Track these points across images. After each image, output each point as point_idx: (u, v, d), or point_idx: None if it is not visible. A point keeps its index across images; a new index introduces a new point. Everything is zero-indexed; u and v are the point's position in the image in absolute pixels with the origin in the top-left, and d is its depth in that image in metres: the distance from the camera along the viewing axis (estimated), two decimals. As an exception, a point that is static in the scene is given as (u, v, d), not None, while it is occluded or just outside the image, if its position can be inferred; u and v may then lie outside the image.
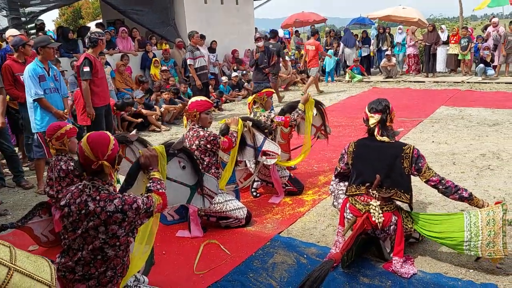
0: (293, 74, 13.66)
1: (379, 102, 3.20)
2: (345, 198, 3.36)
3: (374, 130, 3.17)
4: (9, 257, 0.81)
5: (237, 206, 3.90)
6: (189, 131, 3.94)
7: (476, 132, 6.77)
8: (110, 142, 2.29)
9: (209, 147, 3.84)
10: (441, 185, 3.08)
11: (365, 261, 3.22)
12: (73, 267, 2.20)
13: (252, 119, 4.37)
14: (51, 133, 3.50)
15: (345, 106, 9.90)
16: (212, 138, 3.83)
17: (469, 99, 9.72)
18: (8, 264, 0.80)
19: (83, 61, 5.63)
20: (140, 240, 2.55)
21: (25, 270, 0.82)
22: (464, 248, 3.00)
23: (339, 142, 6.27)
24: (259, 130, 4.33)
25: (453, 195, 3.07)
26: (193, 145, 3.85)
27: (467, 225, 2.98)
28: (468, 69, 13.63)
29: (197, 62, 9.03)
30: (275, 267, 3.21)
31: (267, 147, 4.31)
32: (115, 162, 2.33)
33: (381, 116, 3.15)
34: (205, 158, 3.89)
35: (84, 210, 2.16)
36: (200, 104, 3.90)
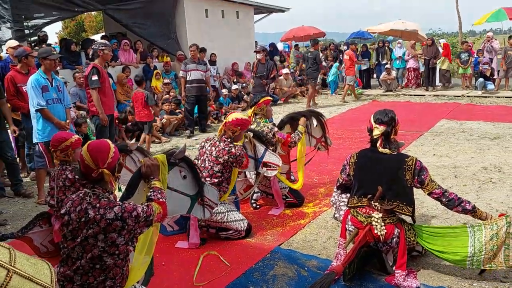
0: (293, 87, 13.73)
1: (385, 113, 3.17)
2: (347, 210, 3.33)
3: (376, 142, 3.15)
4: (9, 259, 0.80)
5: (238, 217, 3.88)
6: (220, 142, 3.92)
7: (477, 146, 6.77)
8: (110, 150, 2.29)
9: (234, 164, 3.89)
10: (444, 197, 3.05)
11: (367, 274, 3.18)
12: (72, 276, 2.18)
13: (253, 130, 4.37)
14: (56, 144, 3.48)
15: (345, 119, 9.92)
16: (241, 158, 3.87)
17: (469, 113, 9.74)
18: (7, 266, 0.78)
19: (91, 70, 5.82)
20: (140, 250, 2.53)
21: (25, 272, 0.80)
22: (467, 263, 2.97)
23: (340, 155, 6.27)
24: (260, 141, 4.32)
25: (456, 207, 3.05)
26: (221, 158, 3.83)
27: (471, 240, 2.95)
28: (468, 83, 13.70)
29: (189, 75, 8.98)
30: (276, 280, 3.18)
31: (268, 158, 4.29)
32: (115, 170, 2.32)
33: (386, 129, 3.12)
34: (225, 173, 3.90)
35: (84, 218, 2.15)
36: (245, 123, 3.97)
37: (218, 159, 3.83)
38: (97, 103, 5.86)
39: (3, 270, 0.77)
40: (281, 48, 17.28)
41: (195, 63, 9.07)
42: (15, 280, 0.78)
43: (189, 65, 9.05)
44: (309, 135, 5.09)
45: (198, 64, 9.07)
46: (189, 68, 9.01)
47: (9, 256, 0.81)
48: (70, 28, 32.97)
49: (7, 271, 0.78)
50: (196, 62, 9.08)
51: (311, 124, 5.05)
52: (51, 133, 4.95)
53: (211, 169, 3.85)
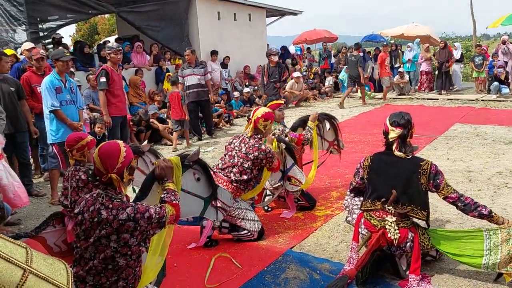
0: (304, 90, 13.69)
1: (401, 115, 3.12)
2: (360, 213, 3.30)
3: (392, 145, 3.11)
4: (25, 259, 0.79)
5: (254, 218, 3.89)
6: (250, 138, 3.92)
7: (492, 150, 6.66)
8: (120, 155, 2.27)
9: (264, 162, 3.85)
10: (460, 202, 3.00)
11: (380, 278, 3.15)
12: (84, 277, 2.19)
13: (286, 142, 4.30)
14: (72, 144, 3.50)
15: (358, 122, 9.85)
16: (271, 156, 3.85)
17: (484, 117, 9.61)
18: (24, 266, 0.78)
19: (100, 72, 6.01)
20: (154, 252, 2.53)
21: (41, 272, 0.79)
22: (482, 266, 2.92)
23: (352, 158, 6.22)
24: (290, 154, 4.28)
25: (472, 212, 2.99)
26: (251, 154, 3.82)
27: (486, 244, 2.91)
28: (482, 87, 13.52)
29: (186, 80, 8.71)
30: (288, 282, 3.15)
31: (293, 173, 4.24)
32: (124, 175, 2.29)
33: (403, 131, 3.07)
34: (254, 171, 3.87)
35: (97, 218, 2.15)
36: (272, 115, 4.01)
37: (248, 155, 3.82)
38: (103, 105, 6.04)
39: (19, 270, 0.77)
40: (293, 51, 17.25)
41: (191, 67, 8.73)
42: (31, 281, 0.77)
43: (184, 71, 8.77)
44: (321, 138, 5.06)
45: (194, 68, 8.71)
46: (184, 73, 8.74)
47: (25, 256, 0.80)
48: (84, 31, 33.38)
49: (24, 271, 0.77)
50: (192, 66, 8.73)
51: (323, 127, 5.02)
52: (64, 134, 5.01)
53: (241, 165, 3.83)
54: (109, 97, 6.01)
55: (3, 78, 5.36)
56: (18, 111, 5.41)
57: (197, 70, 8.71)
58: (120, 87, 6.22)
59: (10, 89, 5.35)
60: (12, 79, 5.56)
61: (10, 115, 5.17)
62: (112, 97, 6.05)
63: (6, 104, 5.20)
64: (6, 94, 5.29)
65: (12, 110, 5.30)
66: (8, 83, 5.39)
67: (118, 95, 6.15)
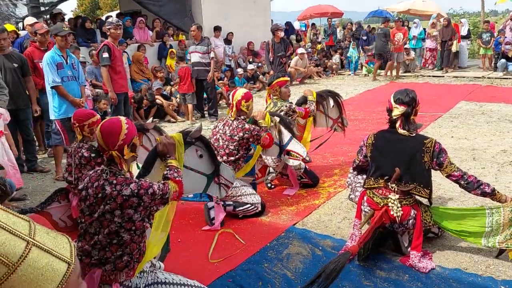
0: (309, 67, 13.55)
1: (406, 93, 3.08)
2: (363, 191, 3.30)
3: (396, 122, 3.09)
4: (28, 231, 0.80)
5: (251, 192, 3.94)
6: (233, 120, 3.92)
7: (497, 128, 6.62)
8: (122, 132, 2.24)
9: (251, 140, 3.85)
10: (463, 180, 2.99)
11: (382, 254, 3.18)
12: (90, 251, 2.22)
13: (280, 115, 4.29)
14: (83, 119, 3.49)
15: (362, 100, 9.78)
16: (256, 133, 3.83)
17: (489, 95, 9.51)
18: (27, 238, 0.78)
19: (102, 48, 5.93)
20: (156, 227, 2.55)
21: (44, 245, 0.80)
22: (482, 242, 2.95)
23: (356, 136, 6.19)
24: (286, 128, 4.24)
25: (475, 190, 2.99)
26: (236, 136, 3.82)
27: (488, 221, 2.92)
28: (488, 64, 13.34)
29: (191, 57, 8.55)
30: (290, 258, 3.19)
31: (292, 147, 4.21)
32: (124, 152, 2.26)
33: (406, 109, 3.03)
34: (241, 151, 3.87)
35: (101, 194, 2.16)
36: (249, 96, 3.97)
37: (233, 137, 3.83)
38: (107, 81, 5.96)
39: (22, 242, 0.77)
40: (297, 27, 17.00)
41: (194, 44, 8.50)
42: (34, 253, 0.77)
43: (190, 47, 8.67)
44: (325, 116, 5.04)
45: (197, 45, 8.42)
46: (190, 50, 8.64)
47: (29, 228, 0.80)
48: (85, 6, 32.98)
49: (27, 243, 0.77)
50: (196, 43, 8.46)
51: (327, 104, 4.99)
52: (67, 110, 5.01)
53: (227, 148, 3.85)
54: (111, 73, 5.94)
55: (7, 54, 5.32)
56: (21, 88, 5.38)
57: (199, 47, 8.45)
58: (121, 63, 6.15)
59: (13, 65, 5.31)
60: (17, 55, 5.48)
61: (12, 91, 5.12)
62: (114, 73, 5.98)
63: (8, 80, 5.17)
64: (8, 70, 5.26)
65: (15, 86, 5.27)
66: (12, 59, 5.34)
67: (120, 71, 6.08)
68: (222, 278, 2.97)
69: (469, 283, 2.77)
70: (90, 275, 2.20)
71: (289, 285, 2.85)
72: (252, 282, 2.90)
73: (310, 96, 4.80)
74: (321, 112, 5.00)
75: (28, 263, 0.77)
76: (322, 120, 5.04)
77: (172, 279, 2.38)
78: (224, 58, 12.19)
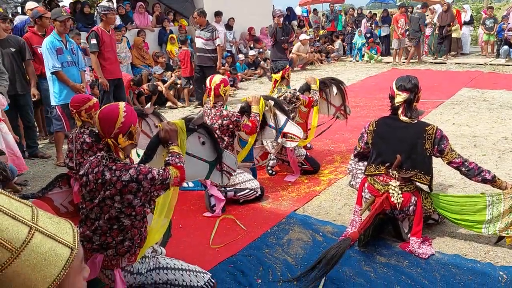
0: (310, 53, 13.46)
1: (408, 79, 3.06)
2: (364, 178, 3.30)
3: (398, 109, 3.07)
4: (31, 217, 0.80)
5: (247, 178, 3.96)
6: (211, 109, 3.92)
7: (498, 115, 6.60)
8: (118, 120, 2.20)
9: (231, 127, 3.84)
10: (463, 167, 2.99)
11: (382, 240, 3.19)
12: (91, 237, 2.23)
13: (274, 99, 4.26)
14: (79, 105, 3.49)
15: (363, 87, 9.74)
16: (235, 119, 3.82)
17: (491, 81, 9.45)
18: (30, 224, 0.78)
19: (90, 34, 5.85)
20: (159, 213, 2.56)
21: (47, 230, 0.80)
22: (483, 229, 2.96)
23: (357, 123, 6.18)
24: (281, 110, 4.22)
25: (476, 177, 2.99)
26: (215, 124, 3.82)
27: (489, 209, 2.93)
28: (491, 50, 13.23)
29: (196, 42, 8.36)
30: (291, 244, 3.21)
31: (289, 129, 4.19)
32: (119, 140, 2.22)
33: (409, 96, 3.01)
34: (225, 137, 3.86)
35: (101, 180, 2.16)
36: (227, 82, 3.99)
37: (213, 125, 3.81)
38: (96, 67, 5.92)
39: (25, 227, 0.77)
40: (299, 13, 16.83)
41: (198, 30, 8.37)
42: (37, 238, 0.78)
43: (196, 31, 8.49)
44: (328, 103, 5.01)
45: (201, 31, 8.25)
46: (196, 34, 8.45)
47: (31, 214, 0.80)
48: (85, -9, 32.58)
49: (29, 228, 0.77)
50: (200, 29, 8.30)
51: (330, 92, 4.96)
52: (67, 95, 4.98)
53: None
54: (100, 59, 5.88)
55: (3, 39, 5.27)
56: (19, 72, 5.34)
57: (203, 33, 8.26)
58: (111, 49, 6.03)
59: (10, 50, 5.25)
60: (15, 39, 5.41)
61: (11, 77, 5.07)
62: (103, 59, 5.90)
63: (6, 65, 5.13)
64: (5, 56, 5.21)
65: (13, 71, 5.23)
66: (9, 44, 5.29)
67: (109, 57, 5.97)
68: (223, 263, 2.99)
69: (468, 268, 2.79)
70: (92, 260, 2.22)
71: (289, 270, 2.87)
72: (253, 267, 2.92)
73: (313, 84, 4.75)
74: (324, 99, 4.98)
75: (31, 248, 0.77)
76: (323, 107, 5.02)
77: (173, 264, 2.40)
78: (225, 44, 12.08)
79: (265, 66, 11.89)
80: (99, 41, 5.82)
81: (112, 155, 2.24)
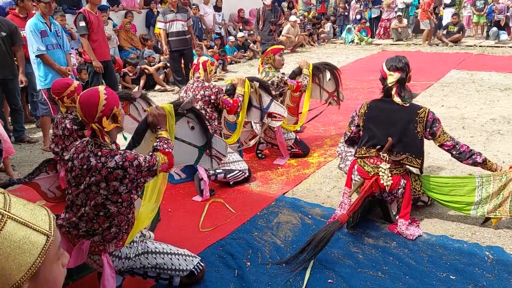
0: (300, 35, 13.35)
1: (398, 59, 3.03)
2: (354, 160, 3.30)
3: (391, 90, 3.03)
4: (3, 204, 0.77)
5: (237, 158, 4.01)
6: (194, 83, 4.01)
7: (487, 97, 6.63)
8: (99, 104, 2.12)
9: (213, 98, 3.90)
10: (455, 150, 2.98)
11: (370, 222, 3.22)
12: (77, 223, 2.20)
13: (259, 80, 4.27)
14: (60, 91, 3.41)
15: (354, 69, 9.71)
16: (216, 91, 3.91)
17: (481, 63, 9.48)
18: (1, 211, 0.76)
19: (77, 17, 5.75)
20: (149, 198, 2.53)
21: (20, 218, 0.77)
22: (471, 210, 2.99)
23: (347, 106, 6.15)
24: (265, 91, 4.25)
25: (467, 160, 2.99)
26: (198, 95, 3.90)
27: (478, 190, 2.94)
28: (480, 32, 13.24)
29: (169, 26, 7.89)
30: (280, 227, 3.22)
31: (273, 109, 4.24)
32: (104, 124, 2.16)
33: (401, 75, 2.99)
34: (208, 109, 3.92)
35: (86, 166, 2.12)
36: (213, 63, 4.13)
37: (196, 96, 3.89)
38: (88, 50, 5.82)
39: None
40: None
41: (173, 12, 7.89)
42: (10, 226, 0.75)
43: (167, 15, 7.89)
44: (320, 88, 4.96)
45: (177, 13, 7.88)
46: (168, 18, 7.87)
47: (3, 201, 0.77)
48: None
49: (1, 216, 0.75)
50: (175, 11, 7.90)
51: (324, 77, 4.90)
52: (53, 79, 4.86)
53: None
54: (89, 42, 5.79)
55: None
56: (8, 57, 5.19)
57: (179, 15, 7.94)
58: (99, 30, 5.91)
59: (1, 34, 5.09)
60: (7, 24, 5.15)
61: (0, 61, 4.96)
62: (91, 41, 5.80)
63: None
64: None
65: (2, 55, 5.08)
66: (1, 28, 5.12)
67: (97, 39, 5.86)
68: (213, 246, 2.99)
69: (455, 249, 2.83)
70: (79, 246, 2.20)
71: (278, 252, 2.89)
72: (242, 250, 2.93)
73: (305, 69, 4.68)
74: (317, 84, 4.92)
75: (4, 237, 0.74)
76: (316, 92, 4.96)
77: (162, 248, 2.39)
78: (214, 26, 11.93)
79: (255, 49, 11.78)
80: (87, 23, 5.72)
81: (98, 141, 2.19)
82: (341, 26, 15.20)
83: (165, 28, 7.91)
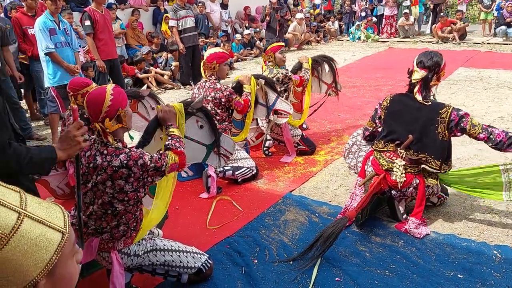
0: (306, 32, 13.31)
1: (430, 56, 2.92)
2: (370, 151, 3.24)
3: (415, 87, 2.95)
4: (19, 203, 0.78)
5: (244, 156, 4.02)
6: (206, 82, 3.97)
7: (495, 95, 6.59)
8: (104, 104, 2.12)
9: (224, 101, 3.88)
10: (490, 142, 2.80)
11: (377, 220, 3.21)
12: (86, 221, 2.22)
13: (264, 77, 4.28)
14: (78, 89, 3.44)
15: (360, 67, 9.66)
16: (228, 93, 3.87)
17: (488, 61, 9.41)
18: (18, 210, 0.77)
19: (83, 16, 5.78)
20: (162, 198, 2.53)
21: (36, 216, 0.79)
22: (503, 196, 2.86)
23: (353, 103, 6.16)
24: (271, 89, 4.26)
25: (506, 149, 2.78)
26: (209, 96, 3.87)
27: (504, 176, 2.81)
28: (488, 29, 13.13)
29: (181, 23, 7.85)
30: (287, 224, 3.23)
31: (279, 106, 4.25)
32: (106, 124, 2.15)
33: (427, 74, 2.89)
34: (218, 111, 3.91)
35: (93, 164, 2.14)
36: (219, 56, 3.98)
37: (207, 98, 3.86)
38: (93, 49, 5.85)
39: (14, 214, 0.76)
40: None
41: (184, 8, 7.83)
42: (26, 224, 0.77)
43: (180, 12, 7.79)
44: (319, 81, 5.00)
45: (187, 10, 7.86)
46: (180, 15, 7.78)
47: (19, 200, 0.79)
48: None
49: (18, 214, 0.76)
50: (186, 8, 7.88)
51: (322, 69, 4.95)
52: (62, 77, 4.92)
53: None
54: (94, 41, 5.81)
55: None
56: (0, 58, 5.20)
57: (190, 11, 7.97)
58: (105, 29, 5.92)
59: None
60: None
61: None
62: (96, 40, 5.83)
63: None
64: None
65: None
66: None
67: (103, 38, 5.88)
68: (220, 244, 3.01)
69: (463, 248, 2.82)
70: (88, 244, 2.22)
71: (286, 250, 2.90)
72: (250, 248, 2.94)
73: (305, 63, 4.73)
74: (316, 77, 4.96)
75: (21, 234, 0.76)
76: (315, 85, 5.00)
77: (170, 246, 2.40)
78: (220, 23, 11.93)
79: (261, 46, 11.76)
80: (93, 22, 5.74)
81: (103, 139, 2.20)
82: (347, 24, 15.15)
83: (177, 25, 7.84)
